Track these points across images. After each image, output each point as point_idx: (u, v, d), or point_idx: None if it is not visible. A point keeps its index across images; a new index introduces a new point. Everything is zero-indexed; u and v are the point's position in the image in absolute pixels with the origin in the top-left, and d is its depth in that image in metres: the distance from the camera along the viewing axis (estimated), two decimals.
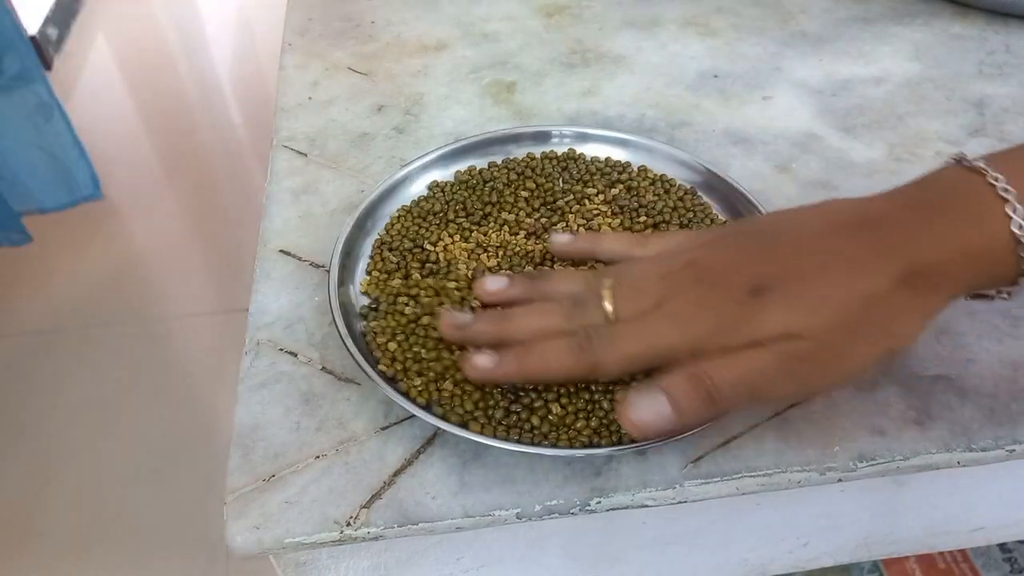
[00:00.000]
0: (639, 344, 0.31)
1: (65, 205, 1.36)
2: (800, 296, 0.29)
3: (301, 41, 0.60)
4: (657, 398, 0.30)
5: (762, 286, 0.30)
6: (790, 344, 0.29)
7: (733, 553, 0.41)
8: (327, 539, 0.31)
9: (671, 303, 0.31)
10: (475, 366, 0.33)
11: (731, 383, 0.29)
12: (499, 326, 0.34)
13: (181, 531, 1.13)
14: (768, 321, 0.29)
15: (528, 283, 0.36)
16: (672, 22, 0.61)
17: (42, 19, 2.01)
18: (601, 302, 0.32)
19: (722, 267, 0.31)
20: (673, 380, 0.30)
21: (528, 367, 0.32)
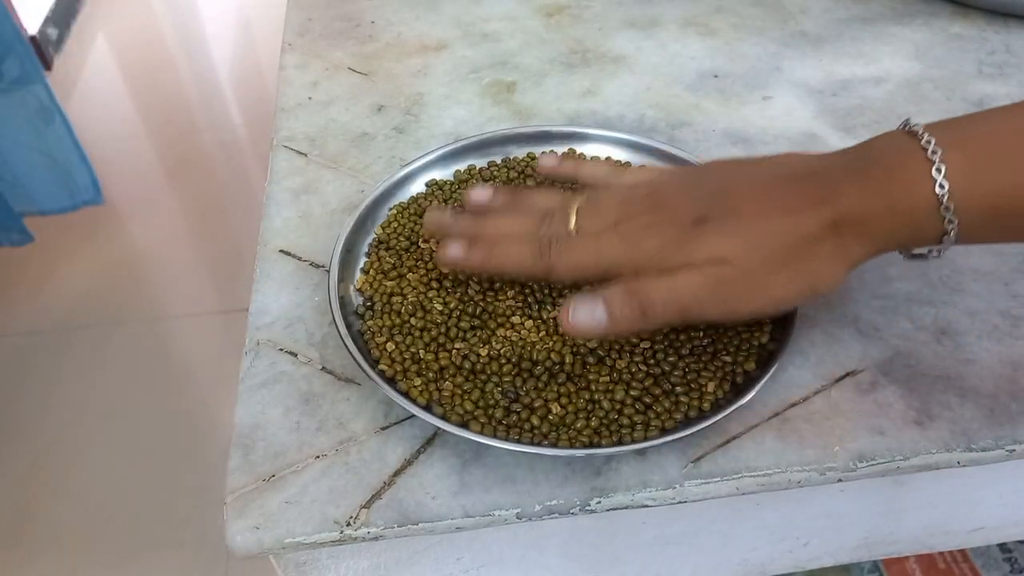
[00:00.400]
0: (589, 255, 0.35)
1: (66, 209, 1.36)
2: (734, 228, 0.32)
3: (301, 41, 0.60)
4: (595, 304, 0.33)
5: (704, 217, 0.33)
6: (718, 268, 0.32)
7: (733, 553, 0.41)
8: (327, 539, 0.31)
9: (624, 224, 0.34)
10: (447, 254, 0.37)
11: (663, 299, 0.32)
12: (476, 226, 0.38)
13: (181, 531, 1.13)
14: (702, 246, 0.32)
15: (510, 196, 0.40)
16: (672, 22, 0.61)
17: (42, 19, 2.01)
18: (567, 217, 0.36)
19: (674, 199, 0.35)
20: (611, 291, 0.33)
21: (492, 260, 0.36)
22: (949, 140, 0.31)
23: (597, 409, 0.33)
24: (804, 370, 0.36)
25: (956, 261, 0.41)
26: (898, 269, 0.41)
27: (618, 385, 0.34)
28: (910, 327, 0.38)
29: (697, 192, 0.35)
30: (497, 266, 0.37)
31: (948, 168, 0.30)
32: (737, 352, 0.35)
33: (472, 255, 0.37)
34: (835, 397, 0.35)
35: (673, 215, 0.34)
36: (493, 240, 0.37)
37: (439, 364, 0.35)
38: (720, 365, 0.35)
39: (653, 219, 0.34)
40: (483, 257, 0.37)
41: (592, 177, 0.41)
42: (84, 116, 1.89)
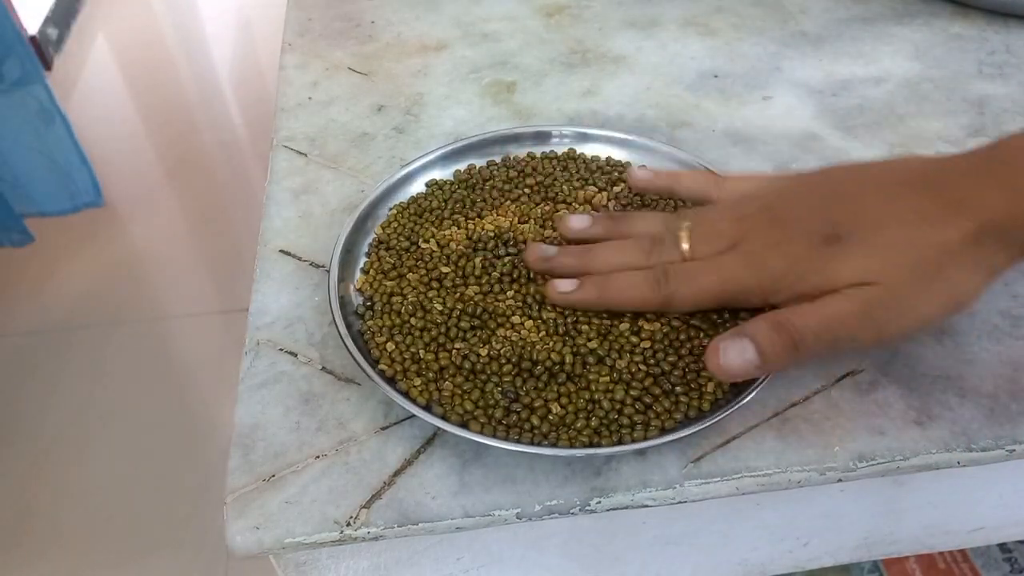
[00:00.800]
0: (712, 281, 0.33)
1: (66, 210, 1.36)
2: (874, 245, 0.30)
3: (301, 41, 0.60)
4: (744, 344, 0.31)
5: (836, 234, 0.31)
6: (865, 291, 0.30)
7: (733, 553, 0.41)
8: (327, 539, 0.31)
9: (745, 244, 0.32)
10: (558, 289, 0.35)
11: (814, 330, 0.30)
12: (581, 259, 0.36)
13: (181, 531, 1.13)
14: (843, 268, 0.30)
15: (609, 223, 0.38)
16: (672, 22, 0.61)
17: (42, 19, 2.01)
18: (678, 241, 0.34)
19: (797, 212, 0.33)
20: (758, 327, 0.31)
21: (607, 295, 0.35)
22: None
23: (597, 409, 0.33)
24: (804, 370, 0.36)
25: None
26: None
27: (618, 385, 0.34)
28: None
29: (819, 204, 0.33)
30: (611, 300, 0.35)
31: None
32: None
33: (586, 291, 0.35)
34: (835, 397, 0.35)
35: (798, 232, 0.32)
36: (604, 273, 0.35)
37: (439, 364, 0.35)
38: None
39: (776, 237, 0.32)
40: (598, 292, 0.35)
41: (691, 191, 0.39)
42: (84, 116, 1.89)
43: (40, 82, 1.22)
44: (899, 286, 0.30)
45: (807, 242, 0.31)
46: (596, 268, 0.36)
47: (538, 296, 0.38)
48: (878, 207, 0.32)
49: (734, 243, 0.33)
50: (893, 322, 0.31)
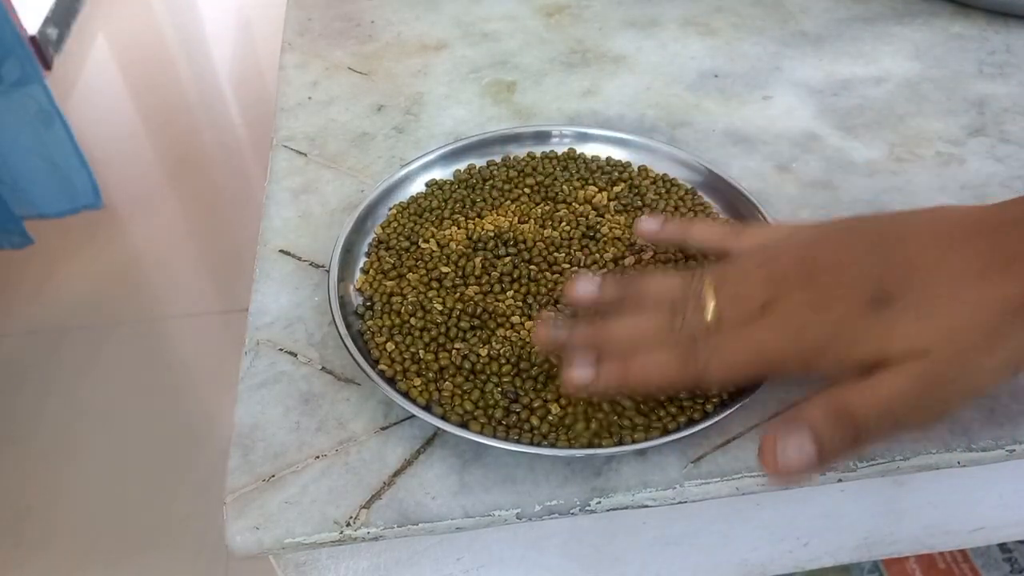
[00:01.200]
0: (747, 353, 0.29)
1: (65, 212, 1.36)
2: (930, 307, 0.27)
3: (301, 41, 0.60)
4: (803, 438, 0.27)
5: (885, 294, 0.28)
6: (923, 364, 0.27)
7: (733, 553, 0.41)
8: (327, 539, 0.31)
9: (780, 306, 0.29)
10: (574, 379, 0.31)
11: (877, 416, 0.27)
12: (597, 336, 0.32)
13: (181, 531, 1.13)
14: (896, 335, 0.27)
15: (622, 286, 0.34)
16: (672, 22, 0.61)
17: (42, 19, 2.01)
18: (702, 306, 0.30)
19: (836, 268, 0.29)
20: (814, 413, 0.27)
21: (630, 379, 0.31)
22: None
23: (597, 411, 0.33)
24: None
25: None
26: None
27: None
28: None
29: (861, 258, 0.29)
30: (636, 383, 0.31)
31: None
32: None
33: (605, 377, 0.31)
34: None
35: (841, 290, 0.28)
36: (623, 350, 0.31)
37: (439, 364, 0.35)
38: None
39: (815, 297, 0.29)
40: (620, 374, 0.31)
41: (705, 241, 0.36)
42: (84, 117, 1.89)
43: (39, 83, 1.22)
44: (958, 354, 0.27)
45: (851, 304, 0.28)
46: (615, 344, 0.32)
47: (539, 296, 0.38)
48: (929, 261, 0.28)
49: (766, 305, 0.29)
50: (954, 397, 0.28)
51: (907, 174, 0.47)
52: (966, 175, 0.46)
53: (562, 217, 0.41)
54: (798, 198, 0.45)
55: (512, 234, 0.40)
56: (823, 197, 0.45)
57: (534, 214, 0.42)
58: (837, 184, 0.46)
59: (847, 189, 0.46)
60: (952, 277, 0.28)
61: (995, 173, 0.47)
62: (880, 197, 0.45)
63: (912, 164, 0.47)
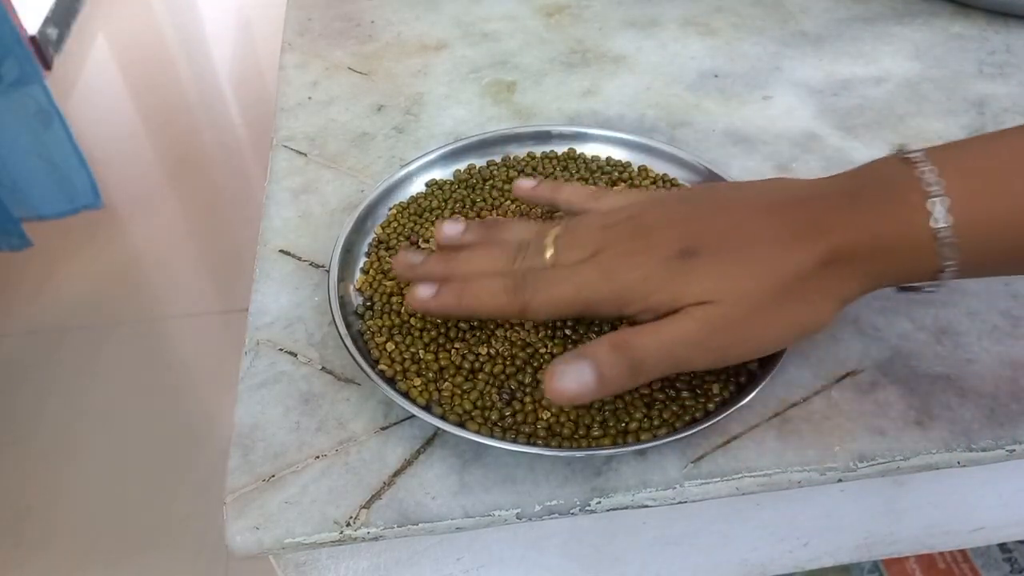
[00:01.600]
0: (568, 290, 0.32)
1: (64, 213, 1.36)
2: (725, 265, 0.30)
3: (301, 41, 0.60)
4: (580, 366, 0.30)
5: (691, 249, 0.30)
6: (706, 311, 0.30)
7: (733, 553, 0.41)
8: (327, 539, 0.31)
9: (605, 254, 0.32)
10: (416, 297, 0.34)
11: (654, 354, 0.30)
12: (446, 265, 0.35)
13: (181, 531, 1.13)
14: (691, 284, 0.30)
15: (483, 229, 0.37)
16: (672, 22, 0.61)
17: (42, 19, 2.01)
18: (543, 248, 0.33)
19: (657, 225, 0.32)
20: (597, 350, 0.30)
21: (464, 301, 0.33)
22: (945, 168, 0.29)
23: (597, 412, 0.33)
24: (804, 370, 0.36)
25: None
26: None
27: None
28: (910, 327, 0.38)
29: (682, 219, 0.32)
30: (468, 307, 0.34)
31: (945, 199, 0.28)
32: None
33: (444, 298, 0.34)
34: (835, 397, 0.35)
35: (656, 243, 0.31)
36: (465, 279, 0.34)
37: (439, 364, 0.35)
38: (723, 368, 0.35)
39: (634, 247, 0.31)
40: (454, 299, 0.34)
41: (570, 202, 0.38)
42: (83, 117, 1.89)
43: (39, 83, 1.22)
44: (742, 308, 0.30)
45: (663, 255, 0.31)
46: (460, 274, 0.34)
47: None
48: (735, 226, 0.31)
49: (595, 252, 0.32)
50: (734, 346, 0.30)
51: None
52: None
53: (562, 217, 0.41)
54: None
55: None
56: None
57: (534, 214, 0.42)
58: None
59: None
60: (755, 240, 0.30)
61: None
62: None
63: None
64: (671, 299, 0.30)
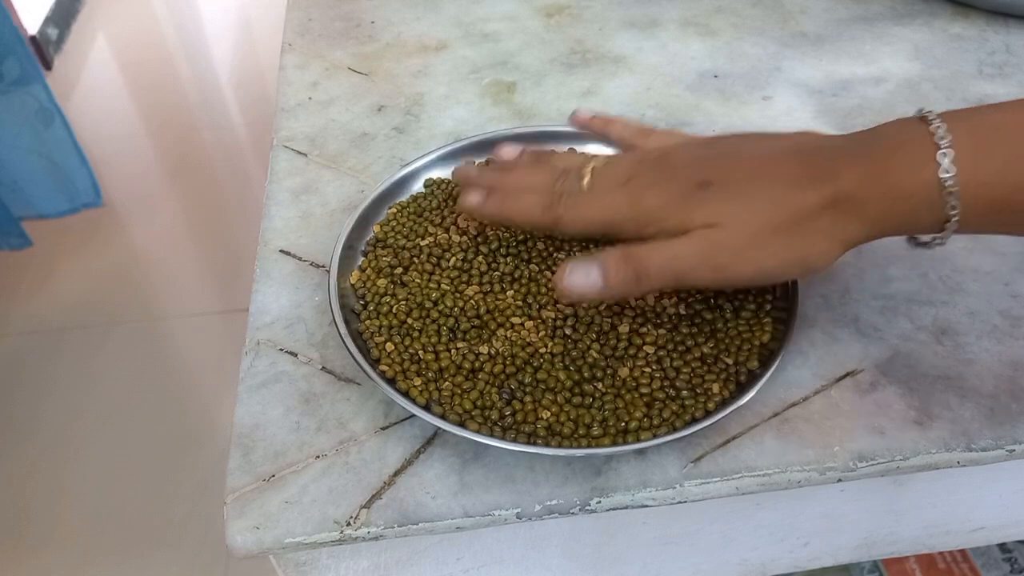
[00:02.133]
0: (596, 210, 0.36)
1: (65, 212, 1.35)
2: (734, 194, 0.33)
3: (301, 41, 0.60)
4: (591, 268, 0.33)
5: (707, 182, 0.33)
6: (710, 232, 0.32)
7: (733, 553, 0.41)
8: (327, 539, 0.31)
9: (632, 183, 0.35)
10: (466, 199, 0.39)
11: (658, 264, 0.33)
12: (495, 178, 0.40)
13: (181, 531, 1.13)
14: (700, 210, 0.33)
15: (535, 155, 0.42)
16: (672, 22, 0.61)
17: (42, 19, 2.01)
18: (582, 174, 0.37)
19: (682, 162, 0.35)
20: (607, 255, 0.34)
21: (504, 210, 0.38)
22: (958, 127, 0.30)
23: (597, 413, 0.33)
24: (804, 370, 0.36)
25: (956, 261, 0.41)
26: (898, 269, 0.41)
27: (622, 390, 0.34)
28: (910, 327, 0.38)
29: (705, 157, 0.35)
30: (508, 215, 0.38)
31: (954, 154, 0.30)
32: (738, 352, 0.35)
33: (488, 203, 0.38)
34: (835, 397, 0.35)
35: (678, 176, 0.34)
36: (510, 191, 0.38)
37: (439, 364, 0.35)
38: (723, 367, 0.35)
39: (658, 179, 0.35)
40: (497, 206, 0.38)
41: (620, 137, 0.42)
42: (84, 117, 1.89)
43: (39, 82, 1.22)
44: (742, 233, 0.32)
45: (680, 186, 0.34)
46: (505, 186, 0.39)
47: (539, 296, 0.38)
48: (751, 165, 0.34)
49: (625, 182, 0.36)
50: (732, 266, 0.32)
51: None
52: None
53: None
54: None
55: (513, 233, 0.40)
56: None
57: None
58: None
59: None
60: (765, 177, 0.33)
61: None
62: None
63: None
64: (681, 222, 0.33)
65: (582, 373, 0.34)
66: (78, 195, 1.35)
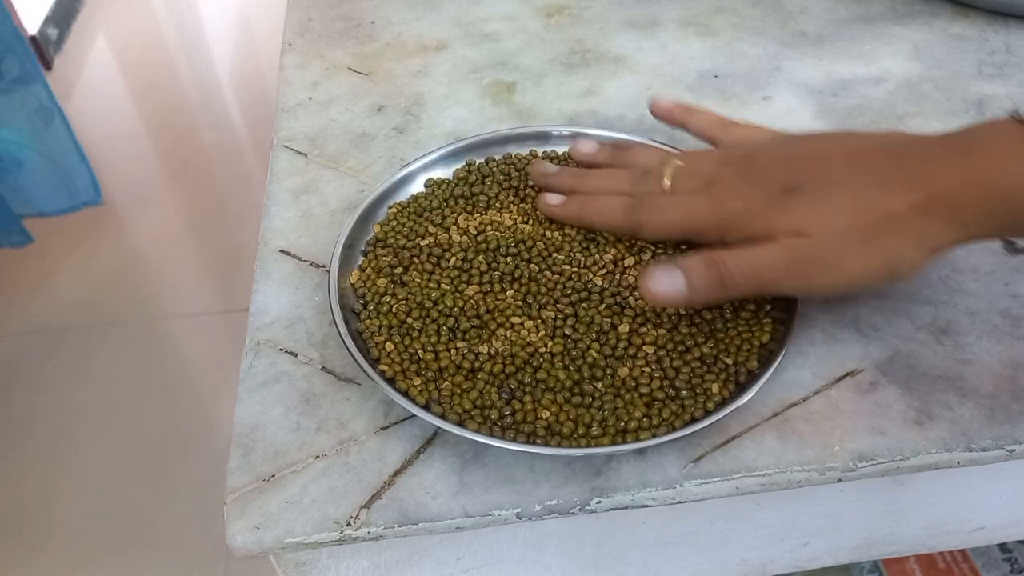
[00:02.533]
0: (677, 215, 0.35)
1: (65, 210, 1.35)
2: (821, 200, 0.32)
3: (301, 41, 0.60)
4: (674, 273, 0.33)
5: (793, 186, 0.33)
6: (797, 240, 0.32)
7: (733, 553, 0.41)
8: (327, 539, 0.31)
9: (716, 187, 0.35)
10: (545, 202, 0.39)
11: (742, 270, 0.32)
12: (575, 180, 0.40)
13: (181, 531, 1.13)
14: (786, 216, 0.32)
15: (613, 152, 0.41)
16: (672, 22, 0.61)
17: (42, 19, 2.01)
18: (662, 175, 0.36)
19: (767, 164, 0.35)
20: (691, 260, 0.33)
21: (585, 213, 0.38)
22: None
23: (596, 413, 0.33)
24: (804, 370, 0.36)
25: (956, 261, 0.41)
26: None
27: (622, 389, 0.34)
28: (910, 327, 0.38)
29: (790, 159, 0.35)
30: (589, 219, 0.38)
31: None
32: (738, 352, 0.35)
33: (568, 207, 0.38)
34: (835, 397, 0.35)
35: (763, 180, 0.34)
36: (590, 194, 0.38)
37: (439, 364, 0.35)
38: (723, 367, 0.35)
39: (742, 183, 0.34)
40: (578, 210, 0.38)
41: (700, 128, 0.42)
42: (84, 116, 1.89)
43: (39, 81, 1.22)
44: (831, 241, 0.31)
45: (767, 190, 0.33)
46: (585, 189, 0.39)
47: (539, 296, 0.38)
48: (838, 168, 0.33)
49: (708, 184, 0.35)
50: (820, 275, 0.32)
51: None
52: None
53: None
54: None
55: (513, 233, 0.40)
56: None
57: (536, 215, 0.42)
58: None
59: None
60: (854, 183, 0.32)
61: None
62: None
63: None
64: (766, 227, 0.33)
65: (582, 373, 0.35)
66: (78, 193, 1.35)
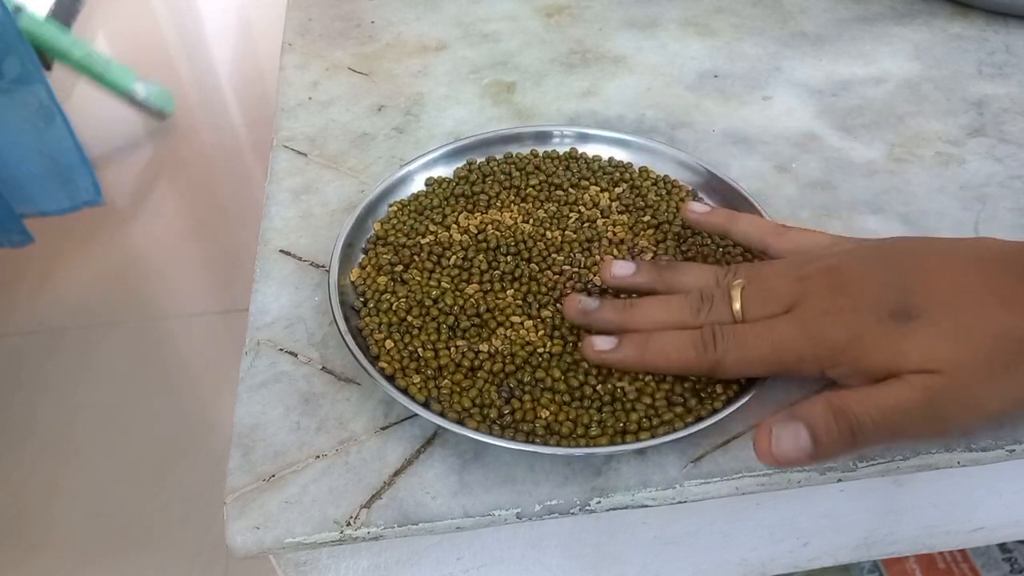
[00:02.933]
0: (764, 348, 0.30)
1: (66, 210, 1.35)
2: (945, 329, 0.28)
3: (301, 41, 0.60)
4: (799, 430, 0.28)
5: (907, 309, 0.28)
6: (931, 380, 0.28)
7: (733, 553, 0.41)
8: (327, 539, 0.31)
9: (803, 308, 0.30)
10: (593, 347, 0.32)
11: (874, 419, 0.28)
12: (624, 314, 0.33)
13: (181, 531, 1.13)
14: (911, 350, 0.28)
15: (655, 272, 0.35)
16: (672, 22, 0.61)
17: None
18: (729, 299, 0.31)
19: (863, 279, 0.30)
20: (814, 413, 0.28)
21: (647, 357, 0.32)
22: None
23: (596, 413, 0.33)
24: None
25: None
26: None
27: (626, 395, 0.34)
28: None
29: (889, 273, 0.30)
30: (653, 362, 0.32)
31: None
32: None
33: (625, 351, 0.32)
34: None
35: (864, 302, 0.29)
36: (646, 331, 0.32)
37: (438, 362, 0.35)
38: None
39: (839, 303, 0.29)
40: (637, 354, 0.32)
41: (747, 235, 0.36)
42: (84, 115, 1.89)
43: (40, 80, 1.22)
44: (968, 378, 0.28)
45: (873, 314, 0.29)
46: (638, 325, 0.33)
47: (539, 296, 0.38)
48: (953, 284, 0.29)
49: (791, 306, 0.30)
50: (958, 417, 0.29)
51: (906, 174, 0.47)
52: (966, 175, 0.47)
53: (568, 222, 0.41)
54: (797, 198, 0.45)
55: (513, 233, 0.40)
56: (822, 197, 0.45)
57: (537, 215, 0.42)
58: (836, 184, 0.46)
59: (846, 189, 0.46)
60: (976, 303, 0.28)
61: (995, 173, 0.47)
62: (879, 197, 0.45)
63: (911, 164, 0.47)
64: (888, 364, 0.28)
65: (578, 377, 0.34)
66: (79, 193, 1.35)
